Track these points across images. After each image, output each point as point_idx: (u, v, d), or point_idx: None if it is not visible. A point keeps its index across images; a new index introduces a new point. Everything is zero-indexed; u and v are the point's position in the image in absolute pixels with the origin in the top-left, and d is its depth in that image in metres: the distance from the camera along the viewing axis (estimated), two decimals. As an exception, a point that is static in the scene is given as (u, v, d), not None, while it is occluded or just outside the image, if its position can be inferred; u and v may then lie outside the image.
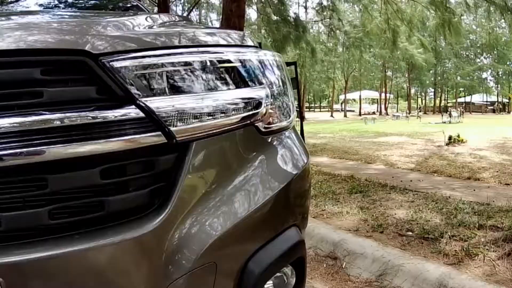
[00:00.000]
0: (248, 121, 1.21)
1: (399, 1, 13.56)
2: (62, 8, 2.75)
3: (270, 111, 1.28)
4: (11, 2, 2.99)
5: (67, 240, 0.94)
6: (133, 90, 1.02)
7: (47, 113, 0.93)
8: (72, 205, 0.97)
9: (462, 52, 55.81)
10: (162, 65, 1.08)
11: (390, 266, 3.26)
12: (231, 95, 1.16)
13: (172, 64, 1.09)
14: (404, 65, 50.58)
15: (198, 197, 1.09)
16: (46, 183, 0.94)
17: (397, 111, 54.51)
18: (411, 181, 7.14)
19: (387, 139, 15.38)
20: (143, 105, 1.01)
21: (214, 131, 1.11)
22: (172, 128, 1.03)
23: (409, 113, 41.63)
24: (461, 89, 60.51)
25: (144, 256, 0.99)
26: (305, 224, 1.51)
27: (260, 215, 1.19)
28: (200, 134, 1.09)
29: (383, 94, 57.46)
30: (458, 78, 54.09)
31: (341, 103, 60.47)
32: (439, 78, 57.69)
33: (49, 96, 0.95)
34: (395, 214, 4.76)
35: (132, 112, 1.00)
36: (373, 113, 54.26)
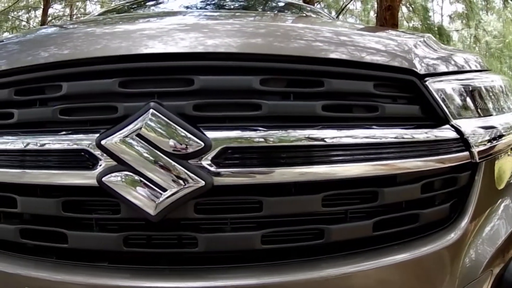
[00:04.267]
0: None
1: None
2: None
3: None
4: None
5: (387, 251, 0.95)
6: (449, 111, 1.04)
7: (376, 128, 0.96)
8: (389, 218, 0.98)
9: None
10: (467, 87, 1.12)
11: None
12: (506, 118, 1.19)
13: (472, 87, 1.14)
14: (536, 77, 46.08)
15: (486, 213, 1.13)
16: (376, 195, 0.95)
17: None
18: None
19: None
20: (458, 126, 1.03)
21: (496, 151, 1.14)
22: (474, 149, 1.05)
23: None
24: None
25: (441, 268, 1.00)
26: None
27: None
28: (488, 154, 1.11)
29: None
30: None
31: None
32: None
33: (382, 113, 0.97)
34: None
35: (448, 132, 1.02)
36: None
